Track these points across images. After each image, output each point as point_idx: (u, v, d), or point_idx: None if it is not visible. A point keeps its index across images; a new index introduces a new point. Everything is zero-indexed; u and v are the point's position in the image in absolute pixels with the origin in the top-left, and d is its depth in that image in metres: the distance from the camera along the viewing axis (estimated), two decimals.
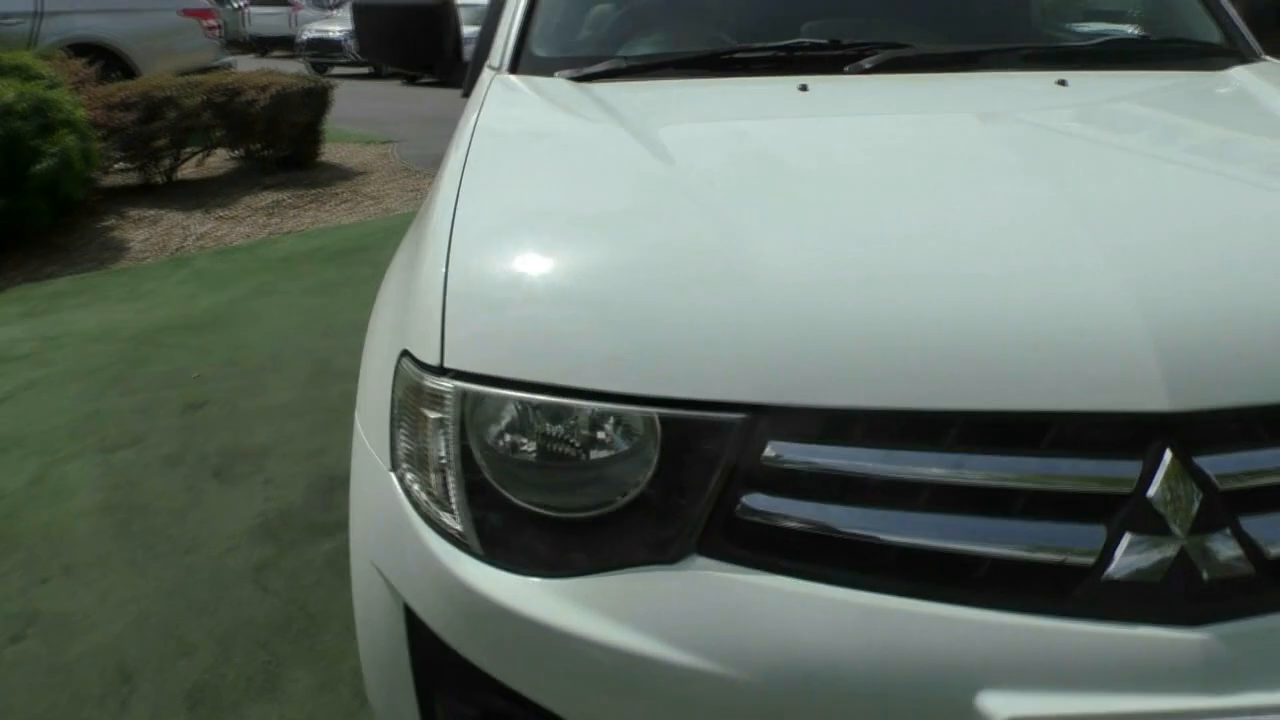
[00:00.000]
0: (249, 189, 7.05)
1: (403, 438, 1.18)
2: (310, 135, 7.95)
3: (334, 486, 2.98)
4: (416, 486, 1.15)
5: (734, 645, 0.98)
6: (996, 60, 1.82)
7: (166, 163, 6.86)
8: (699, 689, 0.97)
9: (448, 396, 1.11)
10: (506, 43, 2.00)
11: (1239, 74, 1.79)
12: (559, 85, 1.82)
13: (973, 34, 1.99)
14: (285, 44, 22.91)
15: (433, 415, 1.13)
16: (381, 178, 7.95)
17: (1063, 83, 1.67)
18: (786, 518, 1.01)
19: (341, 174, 7.98)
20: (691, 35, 2.16)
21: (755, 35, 2.14)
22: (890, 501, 0.99)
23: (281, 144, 7.53)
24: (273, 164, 7.52)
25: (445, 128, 6.22)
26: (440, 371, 1.13)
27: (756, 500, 1.02)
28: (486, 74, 1.98)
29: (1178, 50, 1.91)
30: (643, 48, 2.02)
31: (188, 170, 7.20)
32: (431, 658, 1.14)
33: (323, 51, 19.25)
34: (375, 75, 18.79)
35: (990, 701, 0.93)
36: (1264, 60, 1.90)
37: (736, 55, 1.87)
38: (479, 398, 1.10)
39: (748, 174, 1.36)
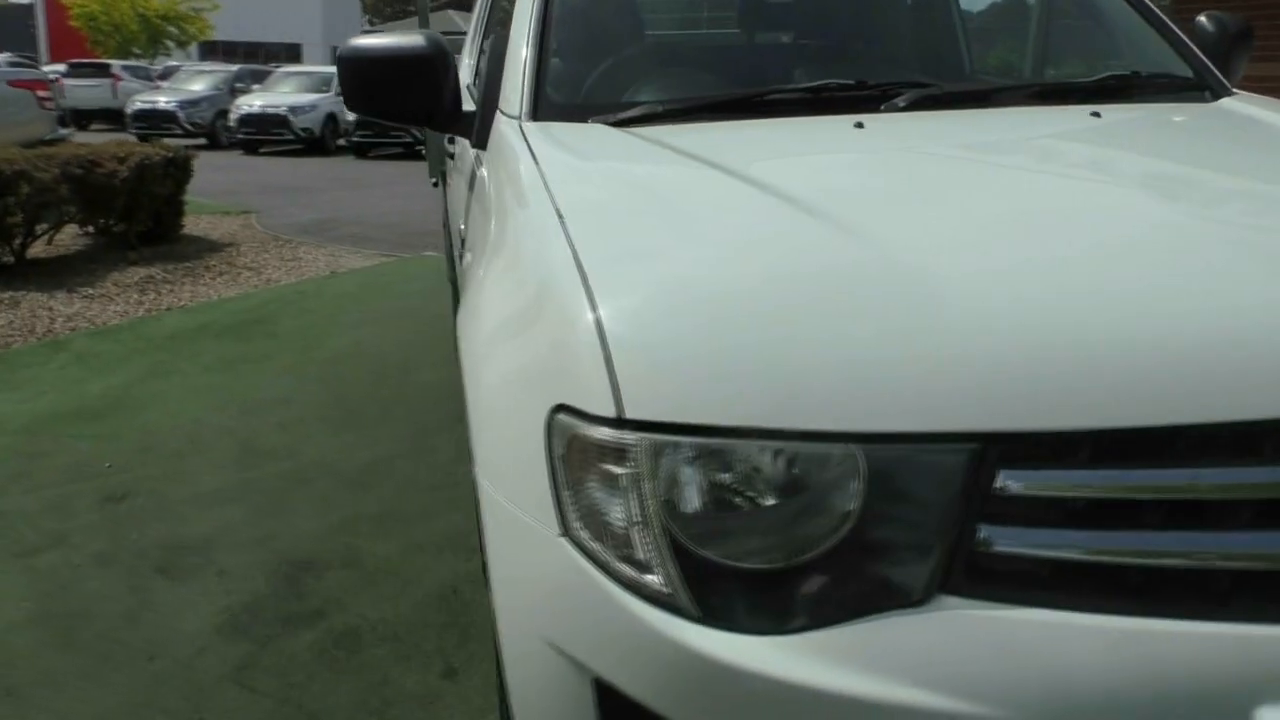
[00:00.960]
0: (114, 265, 6.59)
1: (575, 498, 1.09)
2: (172, 207, 7.54)
3: (298, 572, 2.77)
4: (602, 548, 1.06)
5: (1002, 684, 0.94)
6: (1010, 97, 1.90)
7: (18, 241, 6.34)
8: None
9: (633, 449, 1.04)
10: (522, 91, 1.93)
11: (1231, 104, 1.93)
12: (605, 131, 1.77)
13: (946, 75, 2.07)
14: (107, 117, 21.75)
15: (619, 470, 1.05)
16: (253, 248, 7.60)
17: (1097, 114, 1.76)
18: (1028, 547, 0.98)
19: (209, 246, 7.59)
20: (694, 82, 2.16)
21: (749, 81, 2.16)
22: (1128, 521, 0.98)
23: (142, 217, 7.10)
24: (133, 238, 7.06)
25: (302, 197, 5.93)
26: (619, 423, 1.05)
27: (994, 532, 0.99)
28: (507, 123, 1.91)
29: (1162, 85, 2.04)
30: (648, 94, 2.00)
31: (35, 249, 6.68)
32: None
33: (153, 123, 18.37)
34: (213, 145, 18.09)
35: (1270, 716, 0.92)
36: (1237, 93, 2.05)
37: (771, 96, 1.87)
38: (669, 447, 1.03)
39: (875, 205, 1.34)
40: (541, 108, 1.90)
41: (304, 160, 16.22)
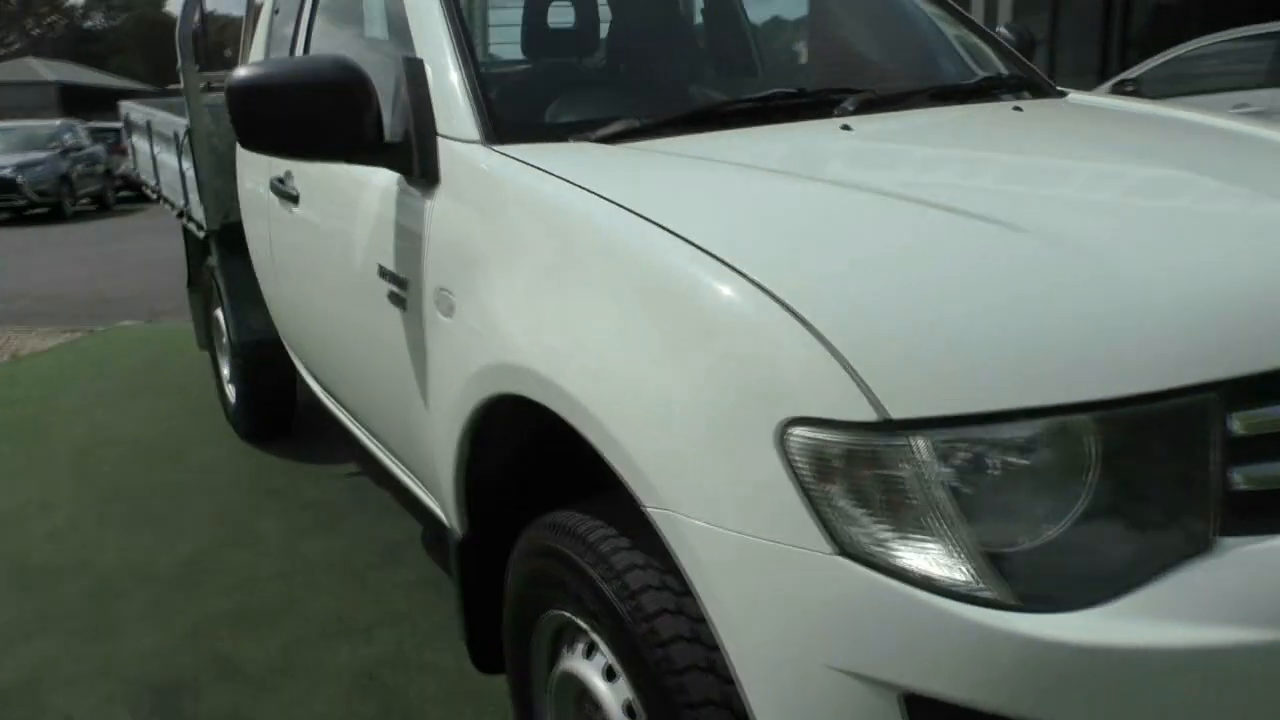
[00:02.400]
0: None
1: (844, 511, 1.03)
2: None
3: (170, 699, 2.34)
4: (890, 556, 1.02)
5: None
6: (922, 99, 2.05)
7: None
8: None
9: (907, 448, 1.01)
10: (471, 113, 1.78)
11: (1078, 98, 2.23)
12: (605, 149, 1.69)
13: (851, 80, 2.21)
14: None
15: (894, 472, 1.01)
16: None
17: (1019, 109, 1.94)
18: (1270, 479, 1.07)
19: None
20: (649, 96, 2.12)
21: (684, 95, 2.16)
22: None
23: None
24: None
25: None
26: (883, 426, 1.02)
27: (1241, 471, 1.06)
28: (467, 149, 1.75)
29: (1019, 84, 2.30)
30: (602, 110, 1.93)
31: None
32: None
33: None
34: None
35: None
36: (1070, 91, 2.36)
37: (733, 108, 1.87)
38: (940, 440, 1.02)
39: (979, 194, 1.40)
40: (502, 130, 1.77)
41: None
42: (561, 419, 1.36)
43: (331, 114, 1.81)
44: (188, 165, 3.57)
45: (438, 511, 2.15)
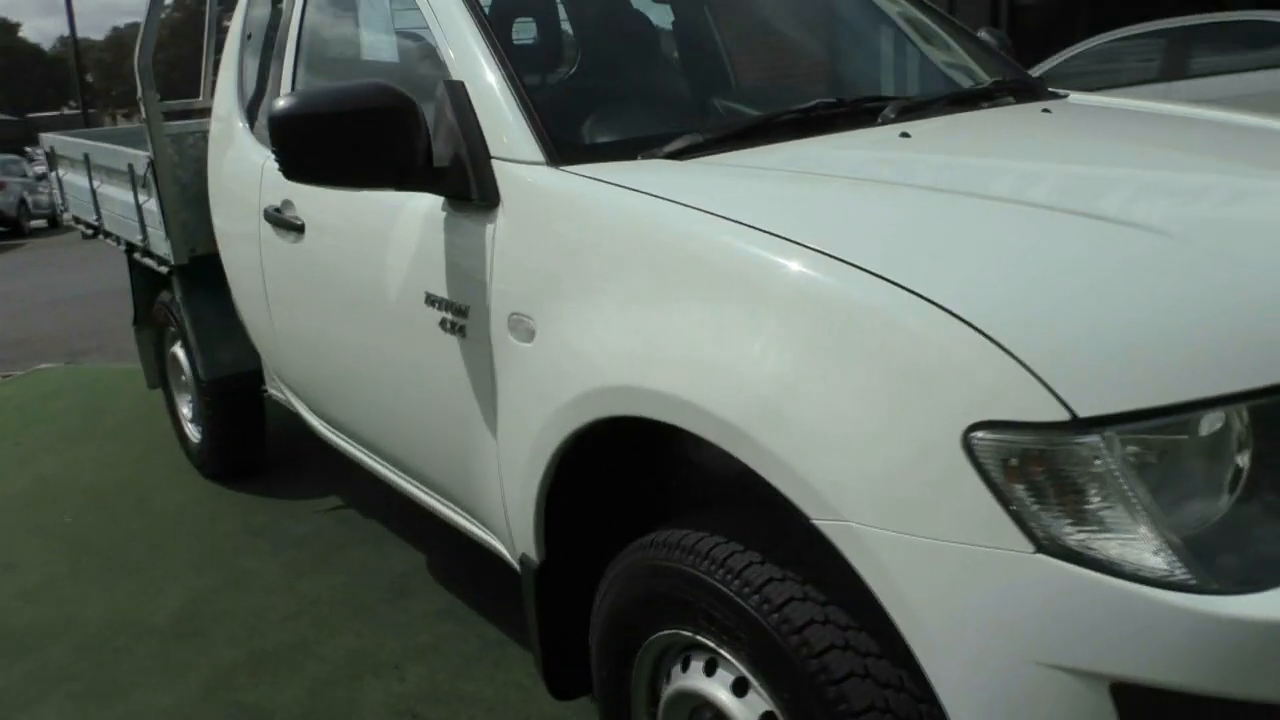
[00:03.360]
0: None
1: (1042, 511, 1.07)
2: None
3: None
4: (1094, 550, 1.05)
5: None
6: (944, 105, 2.12)
7: None
8: None
9: (1101, 445, 1.06)
10: (529, 134, 1.77)
11: (1079, 98, 2.34)
12: (680, 165, 1.69)
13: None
14: None
15: (1092, 469, 1.06)
16: None
17: (1047, 110, 2.03)
18: None
19: None
20: (688, 110, 2.13)
21: (724, 108, 2.19)
22: None
23: None
24: None
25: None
26: (1075, 425, 1.06)
27: None
28: (530, 170, 1.74)
29: (1022, 87, 2.40)
30: (640, 129, 1.94)
31: None
32: None
33: None
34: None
35: None
36: (1070, 92, 2.47)
37: (813, 114, 1.90)
38: (1131, 434, 1.07)
39: (1085, 196, 1.46)
40: (564, 151, 1.76)
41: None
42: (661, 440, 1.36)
43: (383, 141, 1.78)
44: (145, 198, 3.42)
45: (490, 541, 2.12)
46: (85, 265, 12.74)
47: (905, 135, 1.81)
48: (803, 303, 1.27)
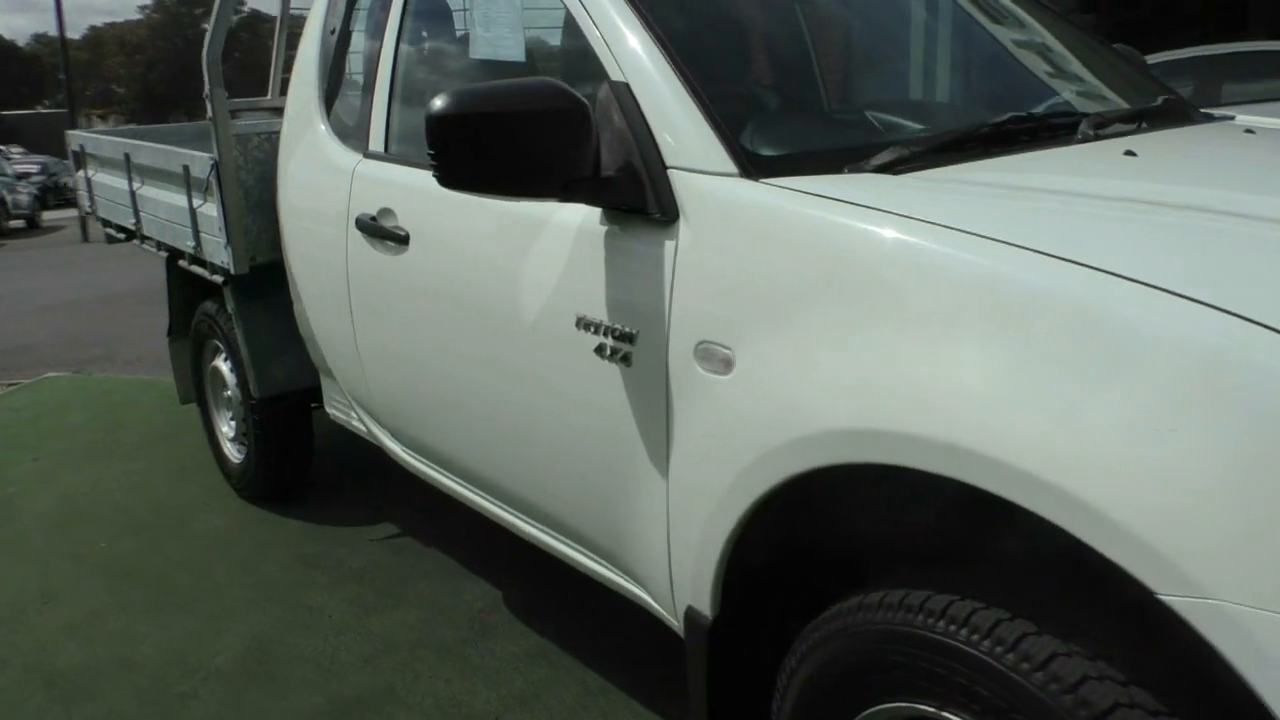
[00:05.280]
0: None
1: None
2: None
3: None
4: None
5: None
6: (1153, 120, 1.98)
7: None
8: None
9: None
10: (716, 145, 1.60)
11: (1246, 119, 2.21)
12: (896, 180, 1.53)
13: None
14: None
15: None
16: None
17: (1250, 131, 1.89)
18: None
19: None
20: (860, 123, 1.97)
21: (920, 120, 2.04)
22: None
23: None
24: None
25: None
26: None
27: None
28: (717, 183, 1.56)
29: (1184, 106, 2.26)
30: (835, 139, 1.78)
31: None
32: None
33: None
34: None
35: None
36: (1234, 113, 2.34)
37: (1005, 128, 1.75)
38: None
39: None
40: (758, 162, 1.59)
41: None
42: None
43: (552, 146, 1.60)
44: (200, 202, 3.20)
45: (635, 591, 1.93)
46: (72, 269, 12.43)
47: (1130, 153, 1.65)
48: (1138, 344, 1.10)
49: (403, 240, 2.28)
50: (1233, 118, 2.25)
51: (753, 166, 1.58)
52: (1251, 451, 1.01)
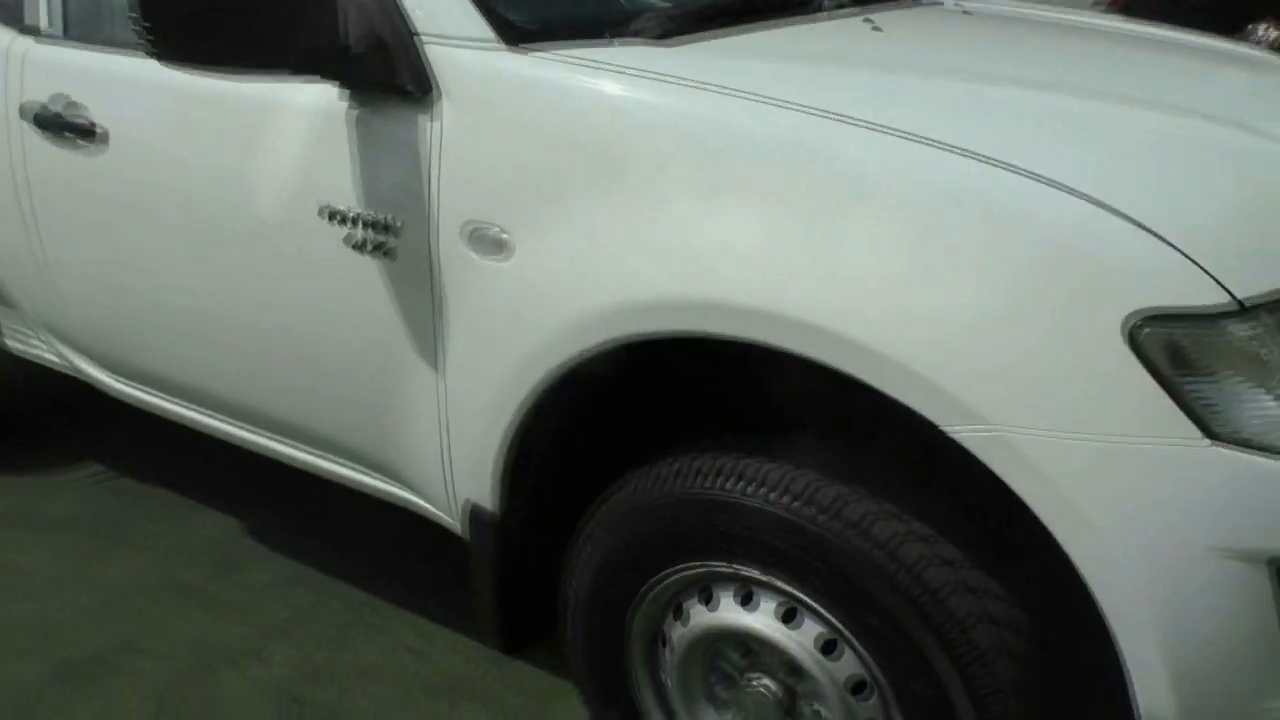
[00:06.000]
0: None
1: (1213, 399, 1.06)
2: None
3: None
4: (1263, 434, 1.06)
5: None
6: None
7: None
8: None
9: (1264, 327, 1.07)
10: (472, 11, 1.50)
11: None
12: (668, 49, 1.49)
13: None
14: None
15: (1258, 351, 1.06)
16: None
17: (968, 12, 2.06)
18: None
19: None
20: None
21: None
22: None
23: None
24: None
25: None
26: (1238, 312, 1.06)
27: None
28: (478, 56, 1.47)
29: None
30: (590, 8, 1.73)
31: None
32: None
33: None
34: None
35: None
36: None
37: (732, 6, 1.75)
38: None
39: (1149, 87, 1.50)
40: (518, 30, 1.52)
41: None
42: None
43: (286, 9, 1.44)
44: None
45: (405, 495, 1.85)
46: None
47: (877, 29, 1.74)
48: (929, 198, 1.17)
49: (98, 137, 1.97)
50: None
51: (515, 35, 1.50)
52: (1023, 295, 1.11)
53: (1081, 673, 1.24)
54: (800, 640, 1.37)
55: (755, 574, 1.37)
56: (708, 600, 1.45)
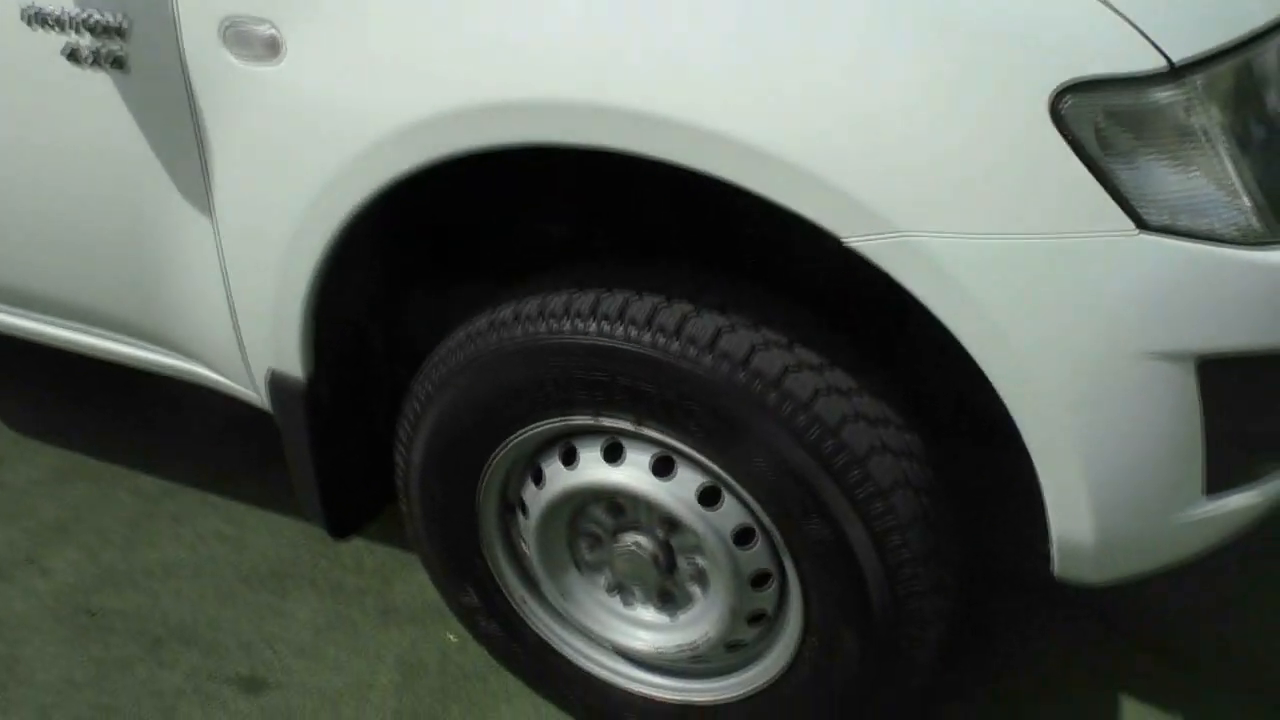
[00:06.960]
0: None
1: (1142, 179, 0.92)
2: None
3: None
4: (1194, 220, 0.93)
5: None
6: None
7: None
8: None
9: (1197, 93, 0.92)
10: None
11: None
12: None
13: None
14: None
15: (1196, 121, 0.92)
16: None
17: None
18: None
19: None
20: None
21: None
22: None
23: None
24: None
25: None
26: (1170, 75, 0.90)
27: None
28: None
29: None
30: None
31: None
32: None
33: None
34: None
35: None
36: None
37: None
38: (1218, 78, 0.93)
39: None
40: None
41: None
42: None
43: None
44: None
45: (193, 368, 1.55)
46: None
47: None
48: None
49: None
50: None
51: None
52: (919, 73, 0.92)
53: (992, 500, 1.14)
54: (675, 492, 1.21)
55: (625, 425, 1.18)
56: (569, 460, 1.27)
